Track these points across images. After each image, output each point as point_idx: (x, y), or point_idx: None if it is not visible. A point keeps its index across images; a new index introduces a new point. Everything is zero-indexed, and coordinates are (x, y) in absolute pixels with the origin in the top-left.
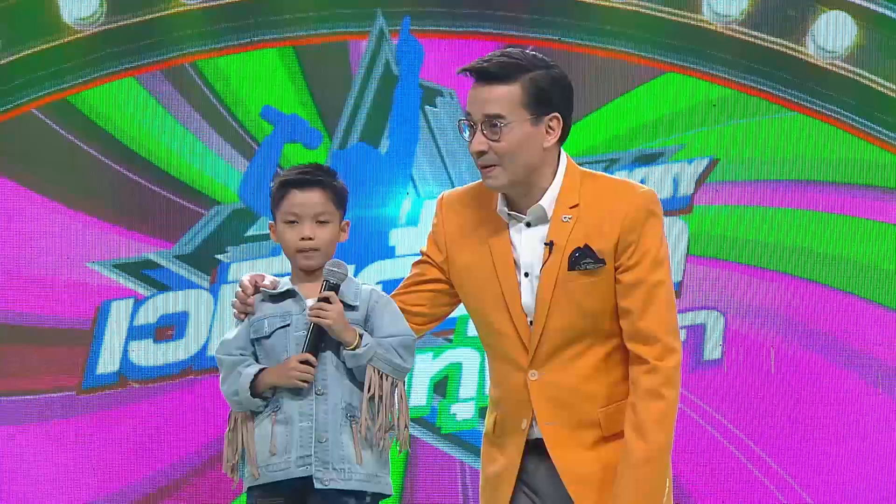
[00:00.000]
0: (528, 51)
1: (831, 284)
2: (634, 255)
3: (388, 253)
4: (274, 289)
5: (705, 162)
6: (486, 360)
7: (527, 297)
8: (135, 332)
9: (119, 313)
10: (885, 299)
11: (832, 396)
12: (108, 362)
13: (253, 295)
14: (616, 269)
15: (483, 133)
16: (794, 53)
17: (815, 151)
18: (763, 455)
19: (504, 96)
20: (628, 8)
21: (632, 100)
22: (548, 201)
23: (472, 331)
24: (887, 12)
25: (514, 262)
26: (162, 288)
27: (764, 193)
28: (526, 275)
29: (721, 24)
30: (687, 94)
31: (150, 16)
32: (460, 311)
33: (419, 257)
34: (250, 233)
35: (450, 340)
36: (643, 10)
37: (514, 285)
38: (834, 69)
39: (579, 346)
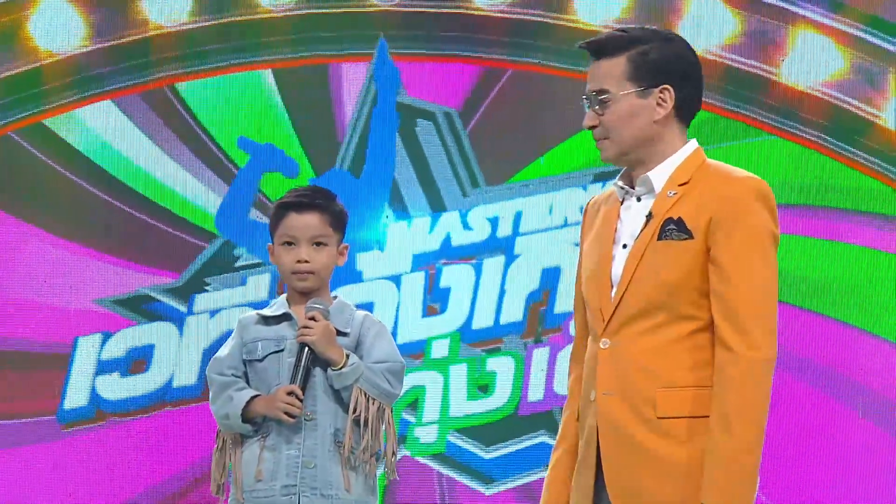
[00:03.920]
0: (650, 26)
1: (813, 309)
2: (733, 238)
3: (356, 277)
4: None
5: None
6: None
7: (618, 268)
8: (105, 366)
9: (90, 346)
10: (861, 322)
11: (820, 425)
12: (80, 395)
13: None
14: (709, 249)
15: (593, 108)
16: (773, 77)
17: (796, 176)
18: None
19: (608, 70)
20: (606, 30)
21: None
22: (657, 174)
23: (436, 353)
24: (867, 36)
25: (615, 234)
26: (143, 317)
27: None
28: (624, 246)
29: (699, 47)
30: None
31: (128, 39)
32: (427, 332)
33: (396, 278)
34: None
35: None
36: None
37: (607, 256)
38: (813, 93)
39: (652, 320)
